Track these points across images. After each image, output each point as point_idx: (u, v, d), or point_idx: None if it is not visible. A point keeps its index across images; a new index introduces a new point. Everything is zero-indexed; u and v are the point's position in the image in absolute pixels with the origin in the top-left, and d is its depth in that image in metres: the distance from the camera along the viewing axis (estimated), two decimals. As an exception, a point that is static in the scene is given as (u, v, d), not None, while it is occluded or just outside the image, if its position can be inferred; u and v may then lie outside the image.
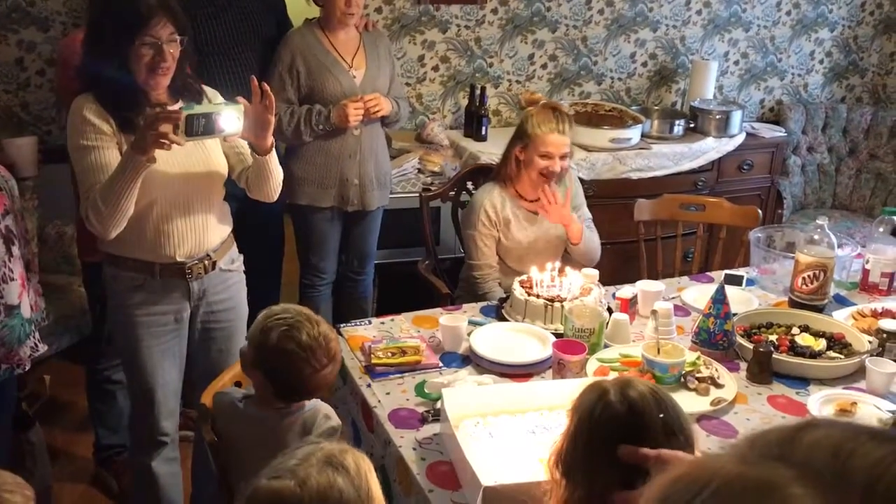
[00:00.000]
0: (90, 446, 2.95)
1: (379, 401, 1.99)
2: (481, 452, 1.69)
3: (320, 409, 1.81)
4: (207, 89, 2.28)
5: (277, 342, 1.72)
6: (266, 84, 2.10)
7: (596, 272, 2.44)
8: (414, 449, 1.81)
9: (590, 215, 2.88)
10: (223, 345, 2.35)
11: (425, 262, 3.05)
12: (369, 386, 2.05)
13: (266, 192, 2.29)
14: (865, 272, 2.62)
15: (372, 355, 2.10)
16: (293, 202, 3.03)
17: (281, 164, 2.28)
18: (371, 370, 2.09)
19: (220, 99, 2.25)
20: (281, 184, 2.30)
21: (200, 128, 1.96)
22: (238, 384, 1.99)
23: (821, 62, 4.65)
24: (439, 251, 3.14)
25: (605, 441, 1.28)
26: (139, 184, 2.00)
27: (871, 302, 2.52)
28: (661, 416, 1.29)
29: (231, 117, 2.01)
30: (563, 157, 2.64)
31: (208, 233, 2.24)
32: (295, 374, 1.72)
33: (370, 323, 2.37)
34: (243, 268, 2.40)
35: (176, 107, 2.08)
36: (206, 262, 2.25)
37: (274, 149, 2.22)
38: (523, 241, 2.72)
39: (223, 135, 2.05)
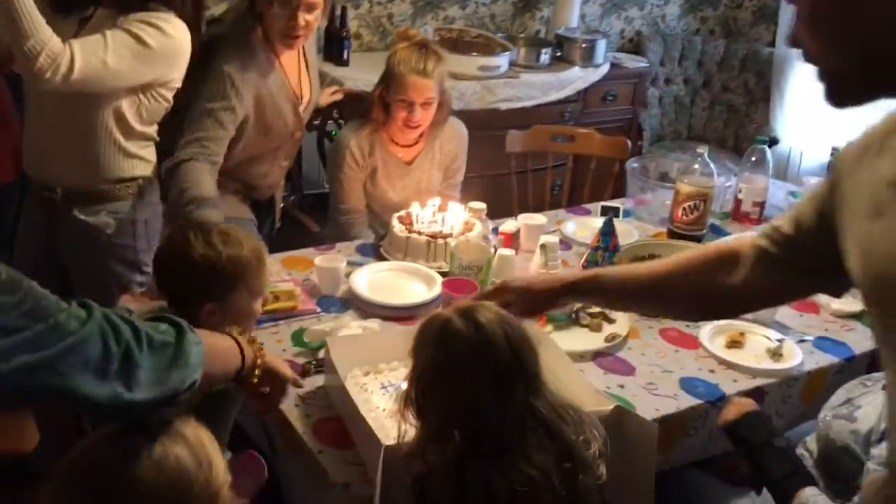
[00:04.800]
0: None
1: (252, 353, 1.78)
2: (376, 406, 1.53)
3: None
4: None
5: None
6: None
7: (483, 205, 2.30)
8: (296, 405, 1.62)
9: (460, 180, 2.70)
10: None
11: (291, 198, 2.81)
12: (240, 337, 1.83)
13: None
14: (738, 202, 2.64)
15: (241, 302, 1.88)
16: None
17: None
18: (241, 319, 1.87)
19: None
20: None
21: None
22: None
23: (678, -7, 4.68)
24: (303, 186, 2.90)
25: (458, 373, 1.24)
26: None
27: (744, 231, 2.54)
28: (508, 342, 1.24)
29: None
30: (425, 105, 2.38)
31: (54, 158, 1.96)
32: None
33: (235, 266, 2.13)
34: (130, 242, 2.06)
35: None
36: (48, 193, 1.97)
37: None
38: (389, 192, 2.54)
39: None
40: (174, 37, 1.95)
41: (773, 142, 4.19)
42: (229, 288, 1.52)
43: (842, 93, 1.00)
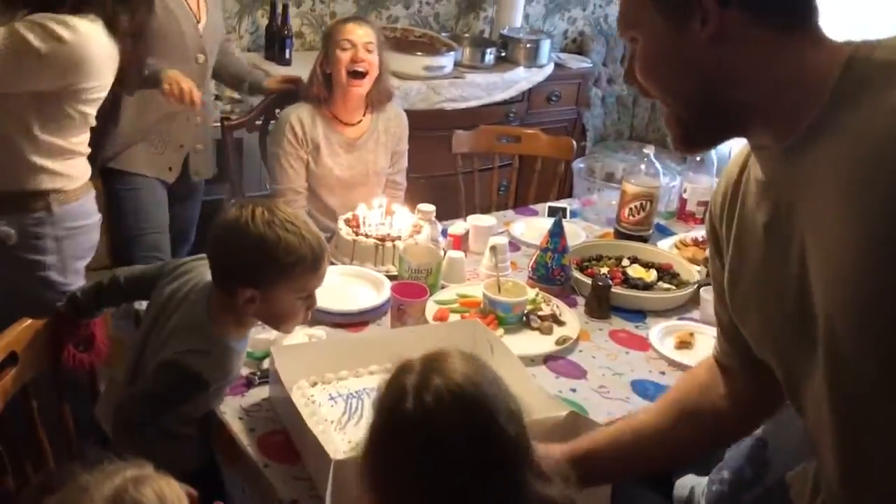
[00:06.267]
0: None
1: (193, 364, 1.71)
2: (324, 419, 1.48)
3: None
4: None
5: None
6: None
7: (432, 208, 2.26)
8: (240, 418, 1.56)
9: (405, 165, 2.68)
10: None
11: (231, 201, 2.73)
12: (180, 347, 1.76)
13: None
14: (683, 201, 2.66)
15: (181, 311, 1.80)
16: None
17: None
18: (181, 328, 1.79)
19: None
20: None
21: None
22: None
23: (619, -6, 4.70)
24: (245, 188, 2.83)
25: (398, 459, 1.00)
26: None
27: (689, 231, 2.56)
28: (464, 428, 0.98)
29: None
30: (368, 51, 2.39)
31: None
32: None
33: (174, 273, 2.05)
34: None
35: None
36: None
37: None
38: (335, 170, 2.48)
39: None
40: (71, 42, 1.71)
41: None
42: (276, 278, 1.42)
43: (691, 140, 0.99)
